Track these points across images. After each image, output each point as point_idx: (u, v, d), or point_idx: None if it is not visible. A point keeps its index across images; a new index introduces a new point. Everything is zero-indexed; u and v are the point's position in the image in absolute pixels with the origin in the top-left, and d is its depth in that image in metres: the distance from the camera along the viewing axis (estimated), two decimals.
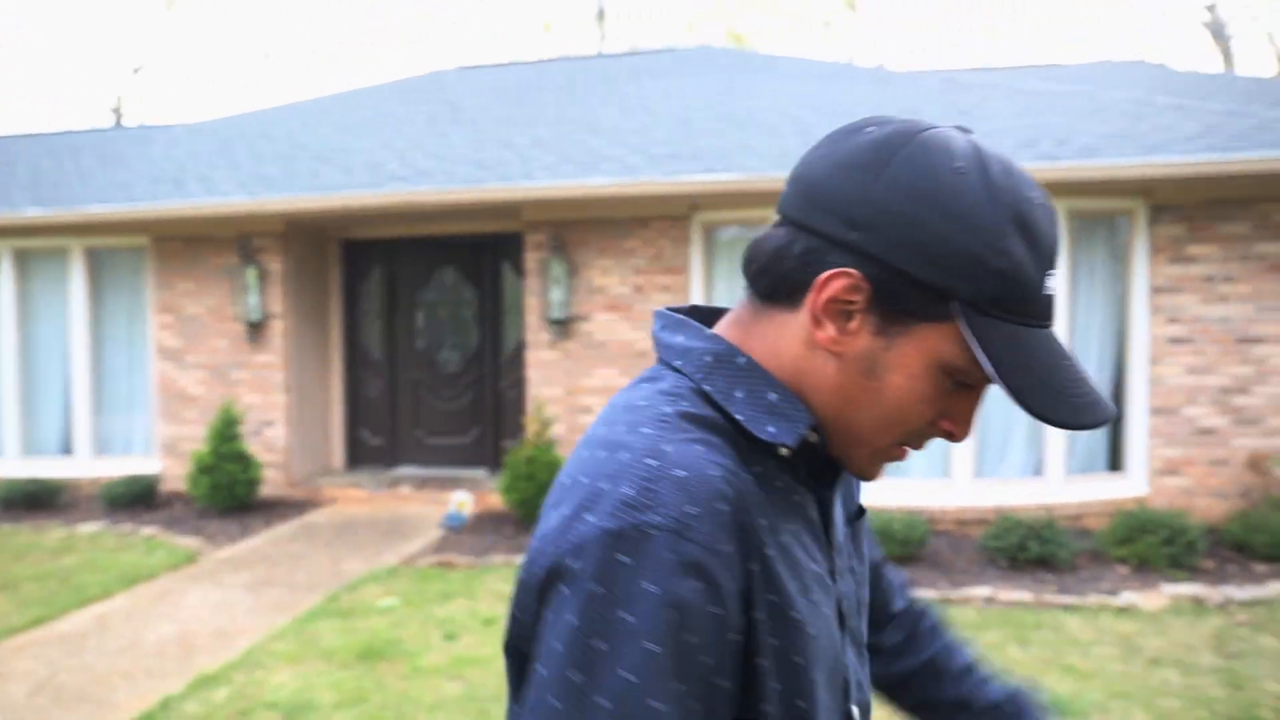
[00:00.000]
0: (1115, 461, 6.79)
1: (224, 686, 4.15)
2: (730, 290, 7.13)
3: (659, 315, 0.87)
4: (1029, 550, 5.66)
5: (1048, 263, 0.75)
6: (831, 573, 0.86)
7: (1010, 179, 0.75)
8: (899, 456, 0.83)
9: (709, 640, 0.69)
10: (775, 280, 0.80)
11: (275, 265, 7.97)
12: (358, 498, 7.84)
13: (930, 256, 0.73)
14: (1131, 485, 6.63)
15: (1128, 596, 5.13)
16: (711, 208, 7.03)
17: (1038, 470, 6.76)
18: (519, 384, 8.36)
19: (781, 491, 0.80)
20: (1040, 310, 0.75)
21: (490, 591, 5.43)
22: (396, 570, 5.88)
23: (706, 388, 0.79)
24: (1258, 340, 6.47)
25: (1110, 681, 4.07)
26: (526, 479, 6.58)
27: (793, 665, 0.75)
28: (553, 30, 25.41)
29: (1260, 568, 5.67)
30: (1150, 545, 5.62)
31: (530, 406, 7.34)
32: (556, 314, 7.20)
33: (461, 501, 7.16)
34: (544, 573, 0.71)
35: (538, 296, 7.39)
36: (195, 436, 8.03)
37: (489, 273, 8.59)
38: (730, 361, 0.80)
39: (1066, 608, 5.05)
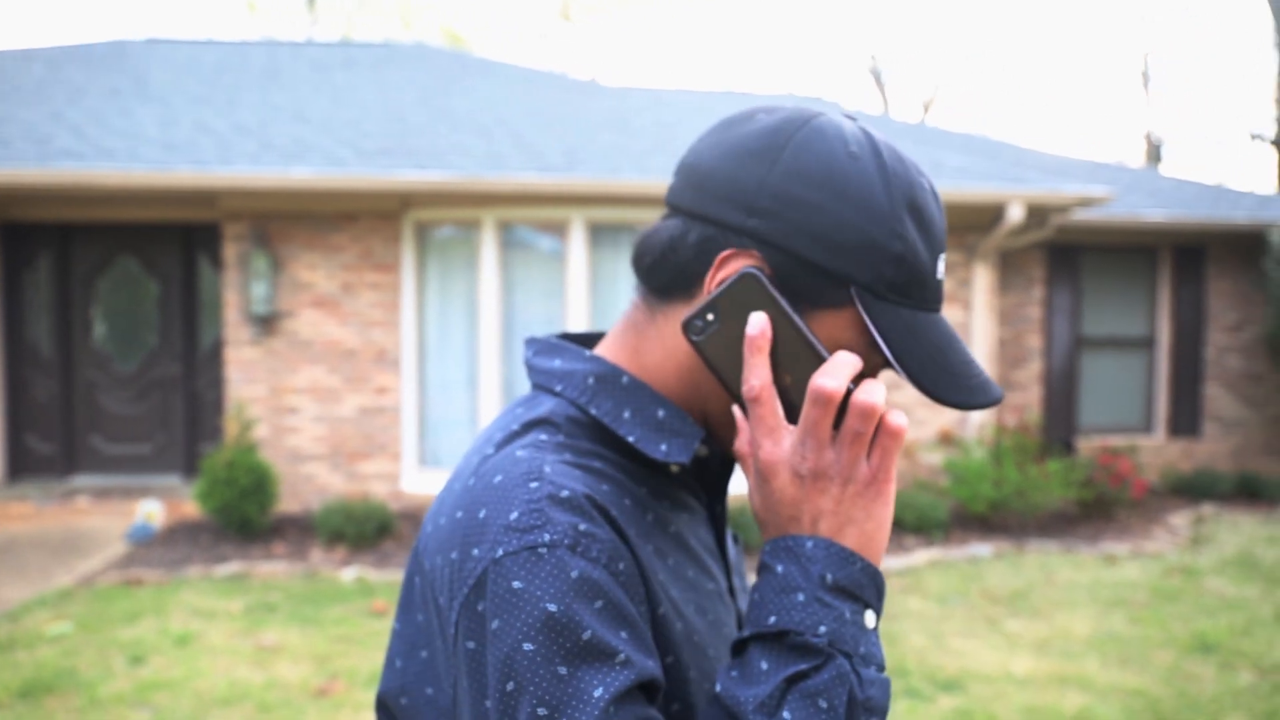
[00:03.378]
0: None
1: None
2: (443, 291, 7.11)
3: (530, 342, 0.84)
4: None
5: (939, 247, 0.75)
6: (731, 590, 0.86)
7: (902, 165, 0.74)
8: None
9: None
10: (671, 273, 0.77)
11: None
12: (22, 513, 6.99)
13: (830, 242, 0.71)
14: None
15: None
16: (424, 206, 6.98)
17: None
18: (218, 384, 7.82)
19: (673, 510, 0.79)
20: (932, 295, 0.75)
21: (185, 607, 5.07)
22: (71, 592, 5.34)
23: (593, 410, 0.76)
24: None
25: None
26: (226, 484, 6.19)
27: (687, 683, 0.73)
28: (257, 11, 23.73)
29: (910, 540, 6.54)
30: None
31: (230, 408, 6.91)
32: (259, 310, 6.82)
33: (150, 512, 6.60)
34: (453, 628, 0.68)
35: (238, 291, 6.97)
36: None
37: (181, 264, 7.96)
38: (614, 382, 0.78)
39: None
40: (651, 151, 7.41)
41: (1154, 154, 21.94)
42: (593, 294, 6.97)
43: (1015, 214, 6.99)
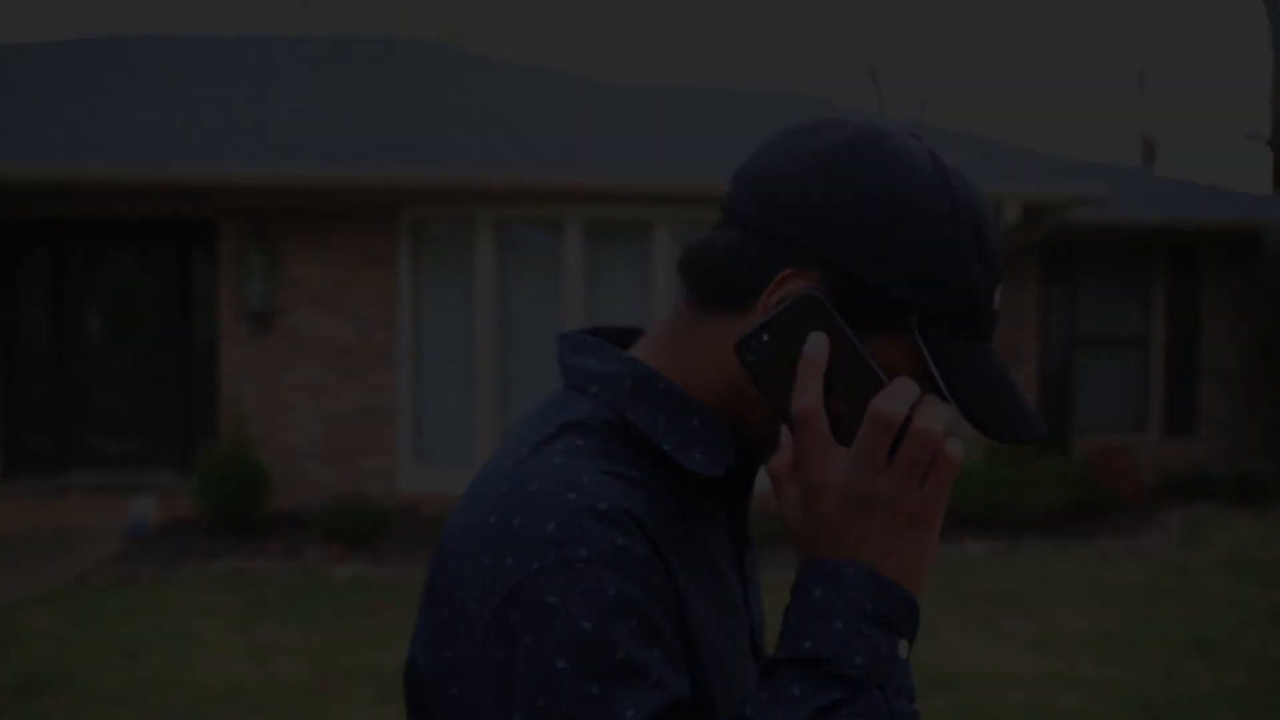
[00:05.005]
0: None
1: None
2: (440, 288, 7.10)
3: (563, 338, 0.82)
4: None
5: (998, 278, 0.74)
6: (746, 600, 0.85)
7: (969, 191, 0.73)
8: None
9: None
10: (724, 284, 0.75)
11: None
12: (16, 509, 6.97)
13: (895, 269, 0.70)
14: None
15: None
16: (420, 203, 6.97)
17: None
18: (213, 380, 7.79)
19: (698, 519, 0.78)
20: (987, 326, 0.74)
21: (180, 604, 5.07)
22: (66, 589, 5.32)
23: (629, 415, 0.75)
24: None
25: None
26: (221, 481, 6.19)
27: (713, 698, 0.72)
28: (253, 7, 23.69)
29: None
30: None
31: (226, 404, 6.90)
32: (255, 307, 6.81)
33: (145, 508, 6.59)
34: (481, 634, 0.67)
35: (234, 288, 6.96)
36: None
37: (177, 260, 7.93)
38: (652, 386, 0.76)
39: None
40: (648, 150, 7.41)
41: (1150, 154, 21.99)
42: (589, 292, 6.96)
43: (1011, 214, 7.00)
